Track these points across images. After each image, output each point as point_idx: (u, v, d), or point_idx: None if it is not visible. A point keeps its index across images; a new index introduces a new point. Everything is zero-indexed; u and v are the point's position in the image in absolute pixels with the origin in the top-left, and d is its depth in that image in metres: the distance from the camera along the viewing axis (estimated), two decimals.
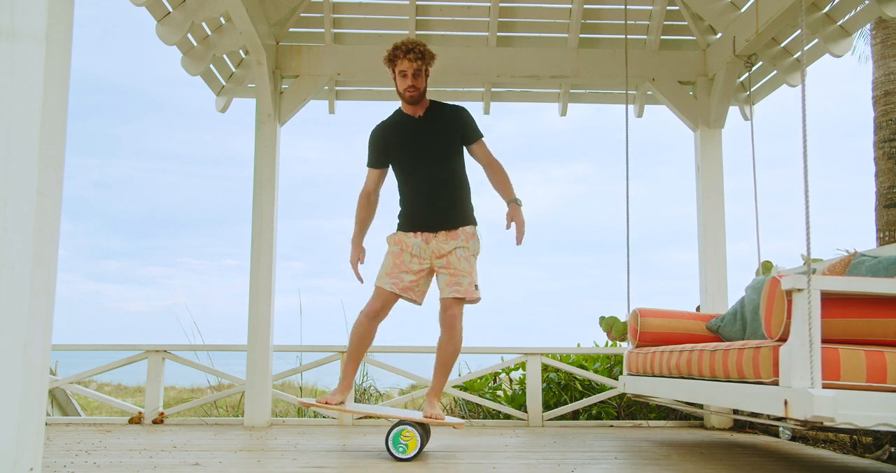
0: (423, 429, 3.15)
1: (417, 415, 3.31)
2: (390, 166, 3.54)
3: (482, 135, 3.52)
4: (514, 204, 3.45)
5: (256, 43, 4.35)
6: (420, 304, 3.43)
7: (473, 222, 3.45)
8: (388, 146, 3.49)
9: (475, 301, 3.36)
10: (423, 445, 3.07)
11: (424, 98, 3.47)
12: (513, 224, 3.42)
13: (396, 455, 3.05)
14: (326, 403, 3.32)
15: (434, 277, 3.43)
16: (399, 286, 3.34)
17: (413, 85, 3.38)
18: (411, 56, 3.33)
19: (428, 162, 3.41)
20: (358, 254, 3.52)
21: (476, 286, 3.35)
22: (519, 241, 3.40)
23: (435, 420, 3.22)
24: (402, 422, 3.09)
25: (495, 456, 3.22)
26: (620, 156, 4.13)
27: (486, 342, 5.03)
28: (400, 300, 3.40)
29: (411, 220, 3.43)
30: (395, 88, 3.49)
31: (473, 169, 3.54)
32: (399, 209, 3.50)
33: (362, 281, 3.49)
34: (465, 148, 3.51)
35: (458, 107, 3.54)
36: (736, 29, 4.39)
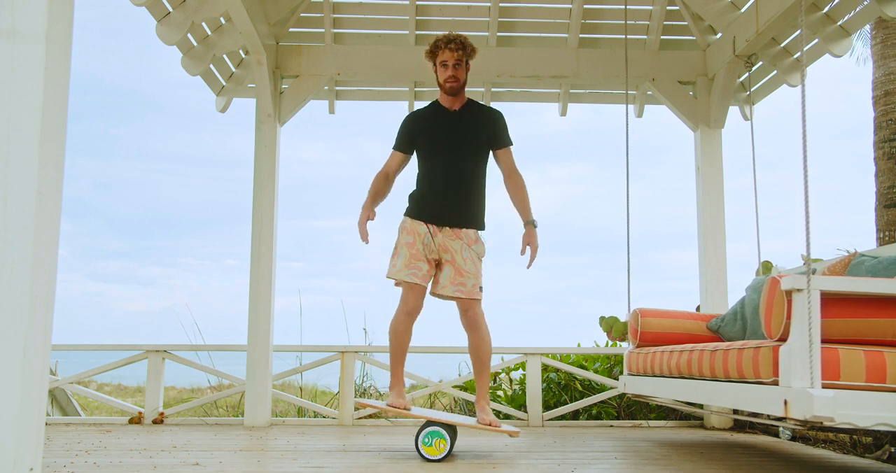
0: (452, 431, 3.14)
1: (471, 421, 3.30)
2: (416, 155, 3.52)
3: (512, 144, 3.52)
4: (530, 226, 3.44)
5: (256, 43, 4.35)
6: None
7: (480, 227, 3.43)
8: (416, 133, 3.48)
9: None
10: (451, 447, 3.07)
11: (464, 92, 3.47)
12: (527, 248, 3.42)
13: (426, 456, 3.04)
14: (393, 406, 3.25)
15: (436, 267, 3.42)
16: (419, 276, 3.32)
17: (453, 75, 3.38)
18: (453, 46, 3.34)
19: (451, 155, 3.41)
20: (368, 214, 3.42)
21: (480, 288, 3.36)
22: (529, 266, 3.41)
23: (491, 428, 3.21)
24: (430, 423, 3.08)
25: (495, 456, 3.22)
26: (620, 156, 4.14)
27: None
28: None
29: (421, 209, 3.41)
30: (434, 80, 3.49)
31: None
32: (411, 193, 3.48)
33: (367, 241, 3.40)
34: (491, 152, 3.50)
35: (495, 109, 3.56)
36: (736, 29, 4.39)
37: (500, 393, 5.38)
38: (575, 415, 4.93)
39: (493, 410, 4.90)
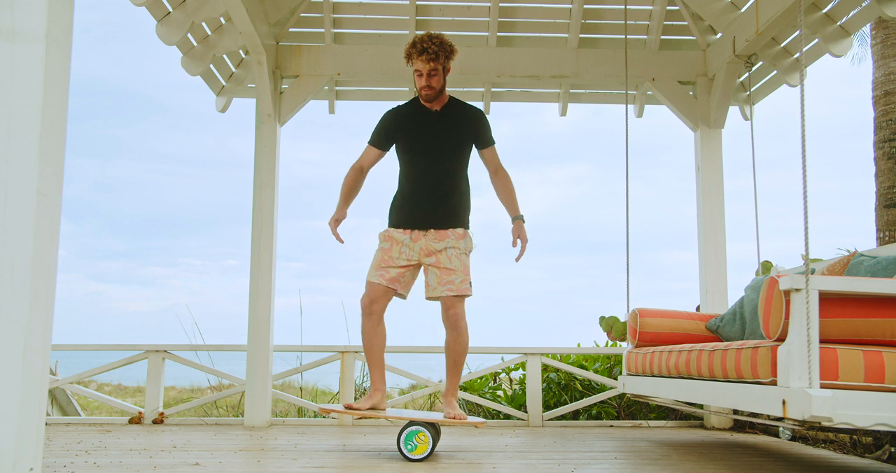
0: (435, 430, 3.15)
1: (438, 416, 3.30)
2: (396, 154, 3.51)
3: (495, 142, 3.53)
4: (519, 220, 3.47)
5: (256, 43, 4.35)
6: (405, 298, 3.42)
7: (465, 226, 3.43)
8: (396, 130, 3.46)
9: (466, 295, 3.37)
10: (434, 446, 3.06)
11: (443, 94, 3.44)
12: (518, 241, 3.45)
13: (408, 455, 3.03)
14: (348, 406, 3.28)
15: (422, 272, 3.42)
16: (385, 278, 3.32)
17: (428, 84, 3.33)
18: (424, 57, 3.27)
19: (434, 155, 3.39)
20: (339, 216, 3.47)
21: (469, 283, 3.34)
22: (518, 259, 3.46)
23: (457, 421, 3.21)
24: (413, 423, 3.08)
25: (495, 456, 3.22)
26: (620, 157, 4.15)
27: (486, 342, 5.03)
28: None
29: (403, 216, 3.40)
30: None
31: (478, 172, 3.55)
32: (392, 201, 3.48)
33: (342, 242, 3.46)
34: (476, 151, 3.51)
35: (477, 109, 3.53)
36: (736, 29, 4.39)
37: (500, 392, 5.38)
38: (575, 415, 4.93)
39: (494, 410, 4.91)
